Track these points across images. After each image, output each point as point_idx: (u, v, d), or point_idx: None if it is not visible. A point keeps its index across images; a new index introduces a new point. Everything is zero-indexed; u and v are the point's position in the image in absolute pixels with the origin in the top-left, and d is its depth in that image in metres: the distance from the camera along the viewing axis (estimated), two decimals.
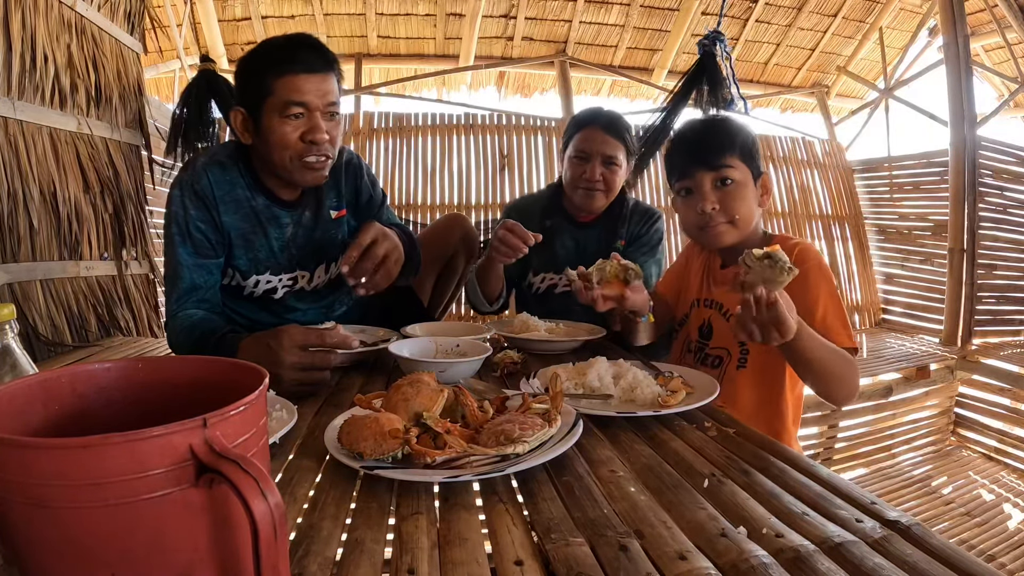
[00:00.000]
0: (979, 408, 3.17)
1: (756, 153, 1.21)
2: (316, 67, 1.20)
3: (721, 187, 1.17)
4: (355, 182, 1.44)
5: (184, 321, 1.19)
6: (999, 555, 2.23)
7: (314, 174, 1.26)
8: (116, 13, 2.31)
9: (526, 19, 4.16)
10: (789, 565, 0.47)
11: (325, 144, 1.23)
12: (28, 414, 0.46)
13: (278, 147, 1.22)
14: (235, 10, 3.78)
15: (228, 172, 1.28)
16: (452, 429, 0.68)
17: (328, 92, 1.21)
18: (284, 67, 1.19)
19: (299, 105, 1.19)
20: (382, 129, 3.66)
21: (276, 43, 1.23)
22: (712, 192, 1.17)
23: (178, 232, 1.24)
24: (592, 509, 0.57)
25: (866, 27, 4.40)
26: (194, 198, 1.24)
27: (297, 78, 1.18)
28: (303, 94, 1.19)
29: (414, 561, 0.49)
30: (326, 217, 1.39)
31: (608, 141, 1.61)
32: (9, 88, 1.77)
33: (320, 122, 1.21)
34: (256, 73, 1.21)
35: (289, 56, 1.20)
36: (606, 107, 1.72)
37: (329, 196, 1.40)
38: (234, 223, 1.29)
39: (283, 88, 1.18)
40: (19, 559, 0.39)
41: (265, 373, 0.47)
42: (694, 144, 1.21)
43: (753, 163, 1.20)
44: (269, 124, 1.21)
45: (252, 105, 1.22)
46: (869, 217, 4.16)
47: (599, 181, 1.62)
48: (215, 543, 0.39)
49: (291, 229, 1.35)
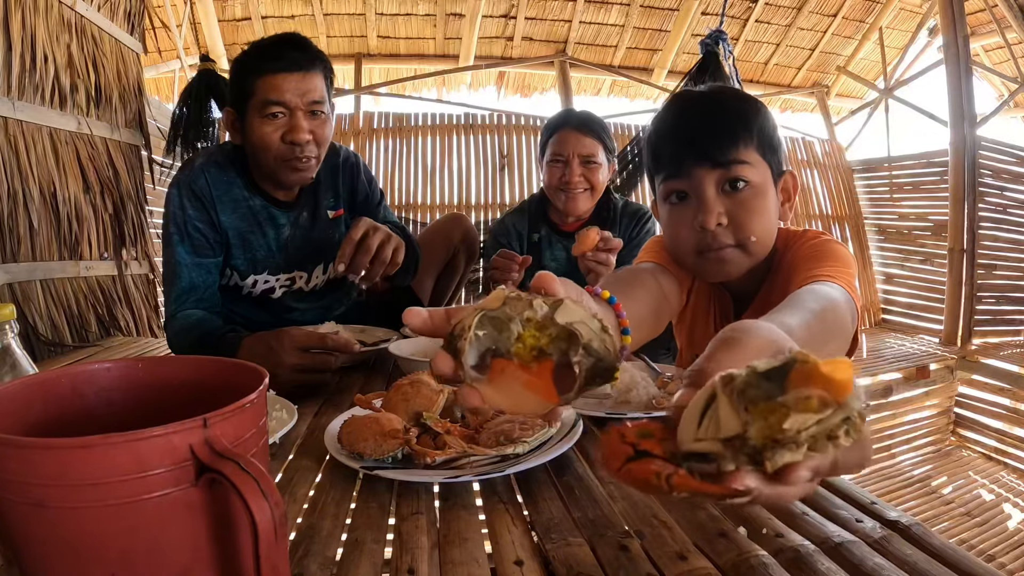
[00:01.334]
0: (979, 408, 3.17)
1: (778, 142, 0.85)
2: (296, 65, 1.19)
3: (731, 191, 0.81)
4: (352, 182, 1.43)
5: (183, 321, 1.19)
6: (999, 555, 2.23)
7: (299, 174, 1.25)
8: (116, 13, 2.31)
9: (526, 19, 4.16)
10: (789, 565, 0.47)
11: (307, 144, 1.21)
12: (28, 414, 0.46)
13: (260, 148, 1.22)
14: (235, 10, 3.78)
15: (225, 172, 1.28)
16: (452, 429, 0.68)
17: (309, 90, 1.20)
18: (264, 66, 1.18)
19: (278, 104, 1.18)
20: (382, 129, 3.66)
21: (261, 43, 1.23)
22: (718, 200, 0.80)
23: (176, 231, 1.24)
24: (592, 509, 0.57)
25: (866, 27, 4.40)
26: (192, 198, 1.24)
27: (276, 77, 1.17)
28: (281, 93, 1.18)
29: (414, 561, 0.49)
30: (324, 217, 1.39)
31: (583, 141, 1.57)
32: (9, 88, 1.77)
33: (301, 122, 1.20)
34: (241, 74, 1.21)
35: (270, 55, 1.19)
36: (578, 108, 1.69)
37: (326, 196, 1.39)
38: (232, 222, 1.29)
39: (263, 88, 1.18)
40: (19, 559, 0.39)
41: (265, 373, 0.47)
42: (692, 127, 0.82)
43: (775, 157, 0.84)
44: (251, 124, 1.21)
45: (239, 106, 1.22)
46: (869, 217, 4.16)
47: (580, 181, 1.59)
48: (215, 543, 0.39)
49: (288, 230, 1.35)
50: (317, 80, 1.21)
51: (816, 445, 0.33)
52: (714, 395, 0.35)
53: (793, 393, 0.32)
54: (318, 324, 1.23)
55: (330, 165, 1.38)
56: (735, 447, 0.34)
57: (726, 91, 0.90)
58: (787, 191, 0.87)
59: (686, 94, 0.91)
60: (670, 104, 0.89)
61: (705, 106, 0.84)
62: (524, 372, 0.42)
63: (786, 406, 0.32)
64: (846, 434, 0.33)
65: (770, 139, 0.84)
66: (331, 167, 1.38)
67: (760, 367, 0.34)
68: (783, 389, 0.33)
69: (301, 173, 1.25)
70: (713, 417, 0.35)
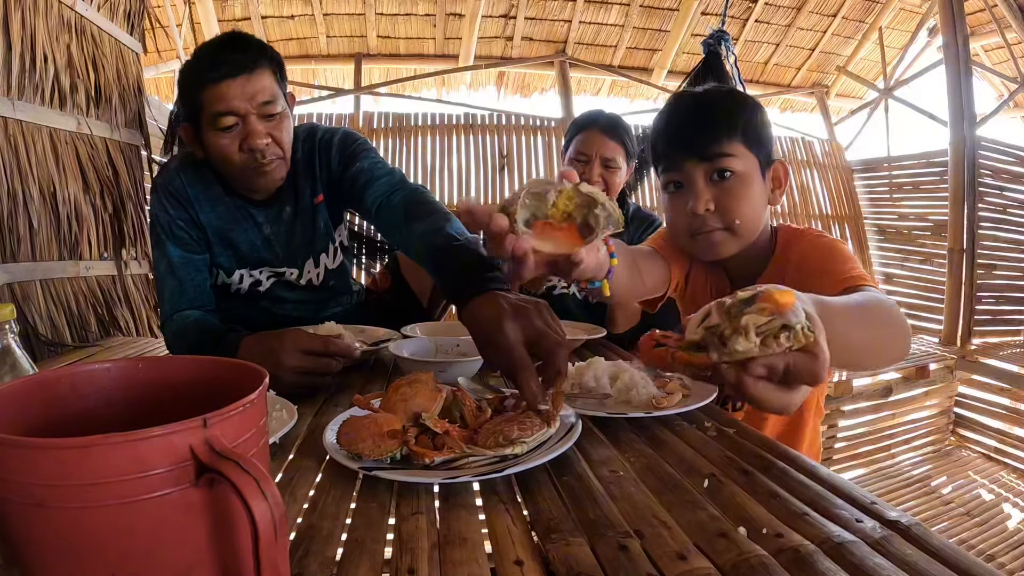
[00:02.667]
0: (979, 408, 3.18)
1: (766, 135, 0.95)
2: (239, 68, 1.11)
3: (719, 180, 0.92)
4: (326, 157, 1.32)
5: (180, 323, 1.18)
6: (999, 555, 2.24)
7: (267, 178, 1.20)
8: (116, 13, 2.31)
9: (526, 19, 4.16)
10: (789, 565, 0.47)
11: (266, 147, 1.15)
12: (28, 414, 0.46)
13: (221, 161, 1.17)
14: (235, 10, 3.79)
15: (201, 171, 1.26)
16: (451, 430, 0.68)
17: (257, 92, 1.12)
18: (205, 77, 1.11)
19: (229, 115, 1.11)
20: (382, 129, 3.66)
21: (201, 50, 1.15)
22: (706, 188, 0.92)
23: (163, 231, 1.23)
24: (592, 509, 0.57)
25: (866, 27, 4.40)
26: (170, 198, 1.23)
27: (218, 87, 1.10)
28: (228, 101, 1.10)
29: (414, 561, 0.49)
30: (308, 206, 1.33)
31: (607, 143, 1.64)
32: (9, 88, 1.77)
33: (255, 126, 1.13)
34: (186, 88, 1.15)
35: (209, 63, 1.11)
36: (607, 110, 1.74)
37: (304, 187, 1.32)
38: (211, 220, 1.27)
39: (209, 99, 1.11)
40: (19, 559, 0.39)
41: (265, 373, 0.47)
42: (683, 125, 0.95)
43: (762, 149, 0.94)
44: (207, 138, 1.15)
45: (192, 120, 1.17)
46: (869, 217, 4.16)
47: (598, 182, 1.64)
48: (215, 543, 0.39)
49: (268, 227, 1.31)
50: (264, 79, 1.13)
51: (767, 342, 0.52)
52: (710, 311, 0.56)
53: (754, 306, 0.52)
54: (315, 320, 1.22)
55: (307, 150, 1.30)
56: (712, 334, 0.54)
57: (718, 91, 0.99)
58: (777, 179, 0.97)
59: (681, 95, 1.01)
60: (667, 105, 1.01)
61: (695, 106, 0.96)
62: (557, 230, 0.64)
63: (746, 313, 0.52)
64: (786, 339, 0.51)
65: (757, 132, 0.94)
66: (307, 152, 1.31)
67: (741, 295, 0.54)
68: (751, 307, 0.53)
69: (269, 176, 1.20)
70: (706, 322, 0.56)
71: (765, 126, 0.95)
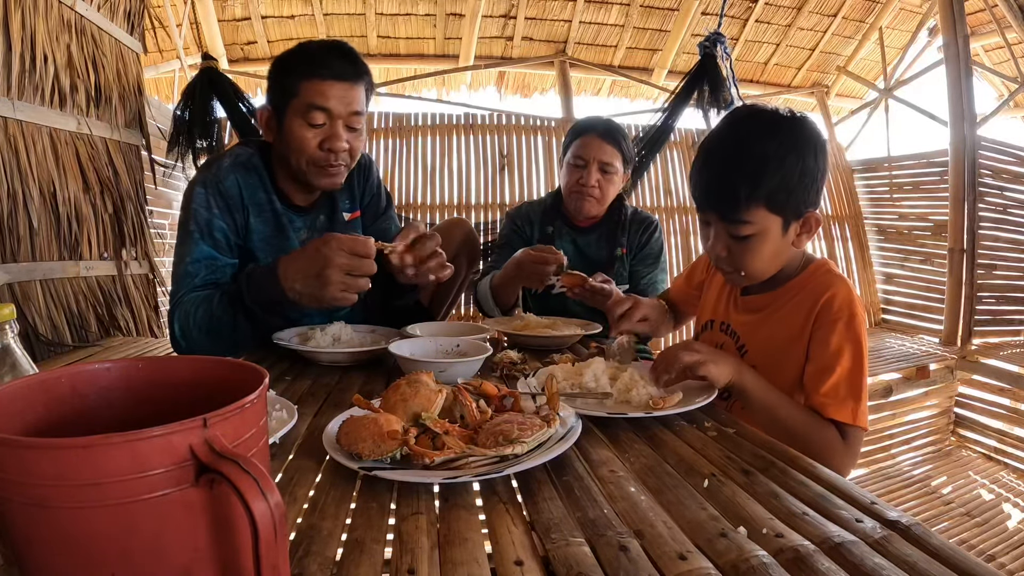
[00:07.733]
0: (979, 408, 3.17)
1: (800, 188, 0.94)
2: (344, 75, 1.20)
3: (736, 238, 0.98)
4: (365, 182, 1.46)
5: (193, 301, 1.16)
6: (999, 555, 2.23)
7: (329, 179, 1.26)
8: (116, 13, 2.31)
9: (526, 19, 4.16)
10: (789, 565, 0.47)
11: (343, 153, 1.23)
12: (28, 414, 0.46)
13: (295, 150, 1.22)
14: (235, 10, 3.79)
15: (251, 175, 1.29)
16: (451, 429, 0.68)
17: (353, 101, 1.21)
18: (312, 70, 1.18)
19: (321, 110, 1.19)
20: (382, 129, 3.66)
21: (310, 46, 1.23)
22: (722, 238, 1.00)
23: (197, 229, 1.22)
24: (592, 509, 0.57)
25: (866, 27, 4.40)
26: (219, 197, 1.24)
27: (323, 83, 1.18)
28: (327, 99, 1.18)
29: (414, 561, 0.49)
30: (340, 220, 1.40)
31: (605, 148, 1.68)
32: (9, 88, 1.77)
33: (340, 131, 1.21)
34: (286, 73, 1.21)
35: (320, 60, 1.19)
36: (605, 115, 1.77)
37: (343, 199, 1.41)
38: (257, 226, 1.29)
39: (308, 91, 1.18)
40: (19, 559, 0.39)
41: (265, 373, 0.47)
42: (711, 184, 0.99)
43: (789, 207, 0.95)
44: (290, 125, 1.21)
45: (278, 104, 1.22)
46: (869, 217, 4.16)
47: (594, 187, 1.69)
48: (215, 543, 0.39)
49: (305, 233, 1.36)
50: (361, 93, 1.23)
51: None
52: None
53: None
54: (328, 320, 1.24)
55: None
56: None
57: (750, 137, 0.96)
58: (808, 225, 0.99)
59: (722, 142, 1.00)
60: (700, 149, 1.03)
61: (724, 164, 0.98)
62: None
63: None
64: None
65: (787, 194, 0.94)
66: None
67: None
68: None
69: (332, 179, 1.26)
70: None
71: (803, 176, 0.93)
